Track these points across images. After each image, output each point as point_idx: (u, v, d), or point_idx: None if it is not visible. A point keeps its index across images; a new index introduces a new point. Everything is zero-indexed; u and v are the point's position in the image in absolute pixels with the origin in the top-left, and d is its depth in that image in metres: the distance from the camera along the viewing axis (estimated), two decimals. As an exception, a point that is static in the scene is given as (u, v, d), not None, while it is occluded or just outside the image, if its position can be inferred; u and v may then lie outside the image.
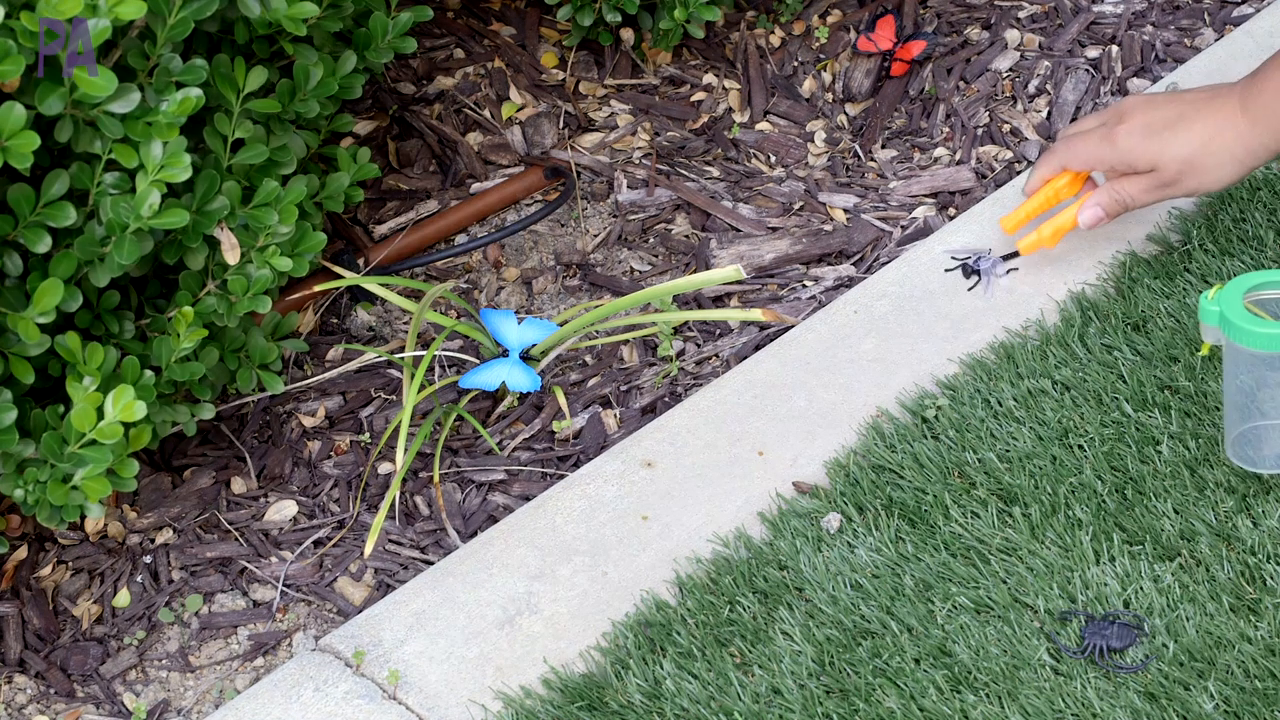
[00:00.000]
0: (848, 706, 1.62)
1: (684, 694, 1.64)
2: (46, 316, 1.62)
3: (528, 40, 2.39)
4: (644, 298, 1.96)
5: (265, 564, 1.87)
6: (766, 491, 1.82)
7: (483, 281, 2.16)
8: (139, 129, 1.62)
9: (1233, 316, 1.71)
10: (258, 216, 1.75)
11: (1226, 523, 1.72)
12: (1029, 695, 1.61)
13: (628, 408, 1.99)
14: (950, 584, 1.70)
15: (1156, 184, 1.88)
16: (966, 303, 1.98)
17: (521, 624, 1.73)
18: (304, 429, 1.99)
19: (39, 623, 1.84)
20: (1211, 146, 1.84)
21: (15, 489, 1.67)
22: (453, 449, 1.96)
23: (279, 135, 1.85)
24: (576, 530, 1.80)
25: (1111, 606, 1.67)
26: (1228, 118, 1.84)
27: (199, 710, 1.78)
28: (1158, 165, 1.86)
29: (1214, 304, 1.73)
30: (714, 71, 2.38)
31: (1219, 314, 1.72)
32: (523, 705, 1.66)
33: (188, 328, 1.73)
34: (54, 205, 1.64)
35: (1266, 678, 1.60)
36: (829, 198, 2.21)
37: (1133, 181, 1.89)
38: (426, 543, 1.88)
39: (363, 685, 1.69)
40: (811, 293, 2.09)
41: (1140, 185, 1.89)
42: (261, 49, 1.85)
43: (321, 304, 2.11)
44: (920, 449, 1.81)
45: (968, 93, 2.32)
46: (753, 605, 1.71)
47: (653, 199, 2.22)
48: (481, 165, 2.27)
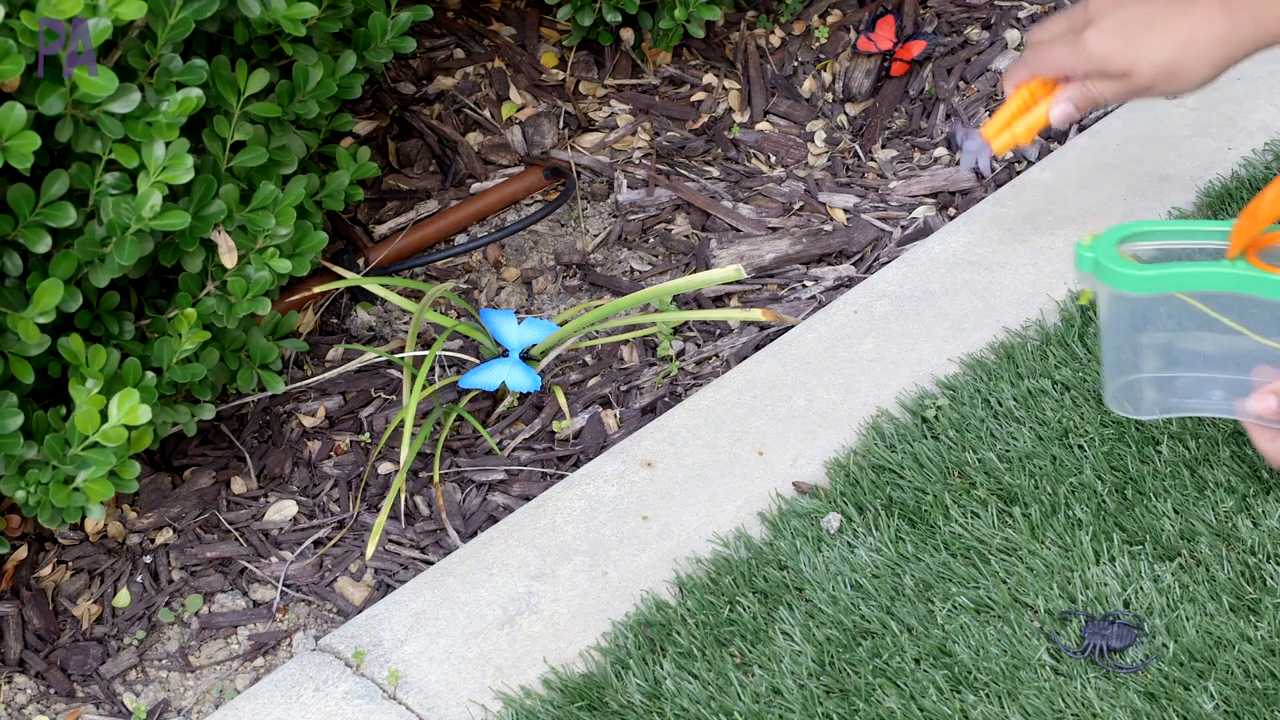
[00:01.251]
0: (848, 706, 1.62)
1: (684, 694, 1.64)
2: (46, 317, 1.62)
3: (528, 40, 2.40)
4: (644, 298, 1.96)
5: (265, 564, 1.87)
6: (766, 491, 1.82)
7: (483, 281, 2.16)
8: (139, 129, 1.62)
9: (1106, 261, 1.69)
10: (255, 219, 1.75)
11: (1226, 523, 1.72)
12: (1029, 695, 1.61)
13: (628, 408, 1.99)
14: (950, 584, 1.70)
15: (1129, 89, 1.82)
16: (966, 303, 1.98)
17: (521, 624, 1.73)
18: (304, 429, 2.00)
19: (39, 623, 1.84)
20: (1188, 50, 1.79)
21: (17, 490, 1.67)
22: (453, 449, 1.97)
23: (279, 136, 1.85)
24: (576, 530, 1.80)
25: (1111, 606, 1.67)
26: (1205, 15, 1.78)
27: (199, 710, 1.78)
28: (1131, 71, 1.81)
29: (1089, 250, 1.71)
30: (714, 71, 2.38)
31: (1093, 260, 1.70)
32: (523, 705, 1.66)
33: (189, 329, 1.73)
34: (54, 205, 1.64)
35: (1266, 678, 1.60)
36: (829, 198, 2.21)
37: (1105, 84, 1.83)
38: (426, 543, 1.88)
39: (363, 685, 1.69)
40: (811, 293, 2.09)
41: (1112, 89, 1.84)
42: (261, 49, 1.85)
43: (321, 304, 2.11)
44: (920, 449, 1.82)
45: (968, 93, 2.32)
46: (753, 605, 1.71)
47: (653, 199, 2.22)
48: (481, 165, 2.27)
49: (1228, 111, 2.19)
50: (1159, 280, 1.69)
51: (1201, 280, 1.69)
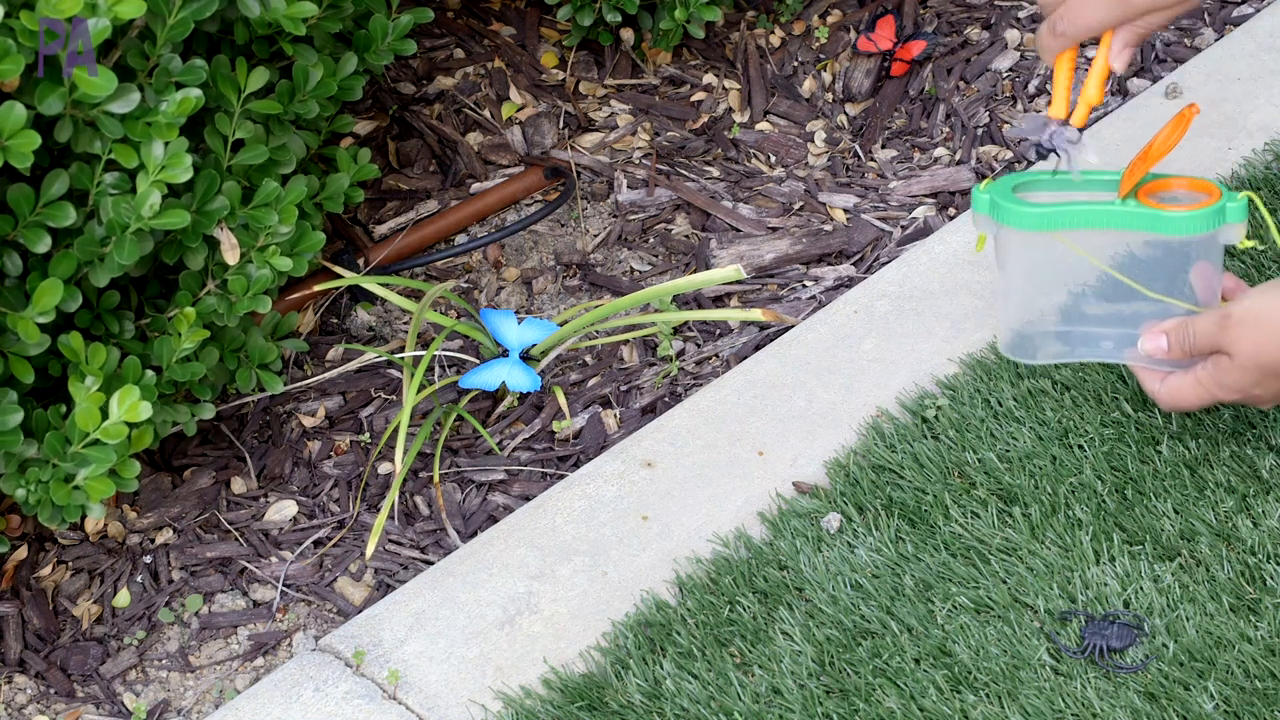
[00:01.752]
0: (848, 706, 1.62)
1: (684, 694, 1.64)
2: (46, 316, 1.62)
3: (528, 40, 2.39)
4: (644, 298, 1.96)
5: (265, 564, 1.87)
6: (766, 491, 1.82)
7: (483, 281, 2.16)
8: (139, 129, 1.62)
9: (1002, 200, 1.72)
10: (257, 216, 1.75)
11: (1226, 523, 1.72)
12: (1029, 695, 1.61)
13: (628, 408, 1.99)
14: (950, 584, 1.70)
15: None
16: (966, 303, 1.98)
17: (521, 624, 1.73)
18: (304, 429, 1.99)
19: (39, 623, 1.84)
20: None
21: (17, 489, 1.67)
22: (453, 449, 1.96)
23: (279, 135, 1.85)
24: (576, 530, 1.80)
25: (1111, 606, 1.67)
26: None
27: (199, 710, 1.78)
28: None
29: (985, 192, 1.74)
30: (714, 71, 2.38)
31: (989, 201, 1.73)
32: (523, 705, 1.66)
33: (189, 328, 1.73)
34: (54, 205, 1.64)
35: (1266, 678, 1.60)
36: (829, 198, 2.21)
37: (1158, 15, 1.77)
38: (426, 543, 1.88)
39: (363, 685, 1.69)
40: (811, 293, 2.09)
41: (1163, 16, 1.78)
42: (261, 49, 1.85)
43: (321, 304, 2.11)
44: (920, 449, 1.81)
45: (968, 93, 2.32)
46: (753, 605, 1.71)
47: (653, 199, 2.22)
48: (481, 165, 2.27)
49: (1228, 111, 2.19)
50: (1053, 217, 1.71)
51: (1094, 218, 1.72)
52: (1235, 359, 1.68)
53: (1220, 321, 1.69)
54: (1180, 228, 1.70)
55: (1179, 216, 1.70)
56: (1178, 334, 1.72)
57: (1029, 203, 1.72)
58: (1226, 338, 1.68)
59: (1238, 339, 1.68)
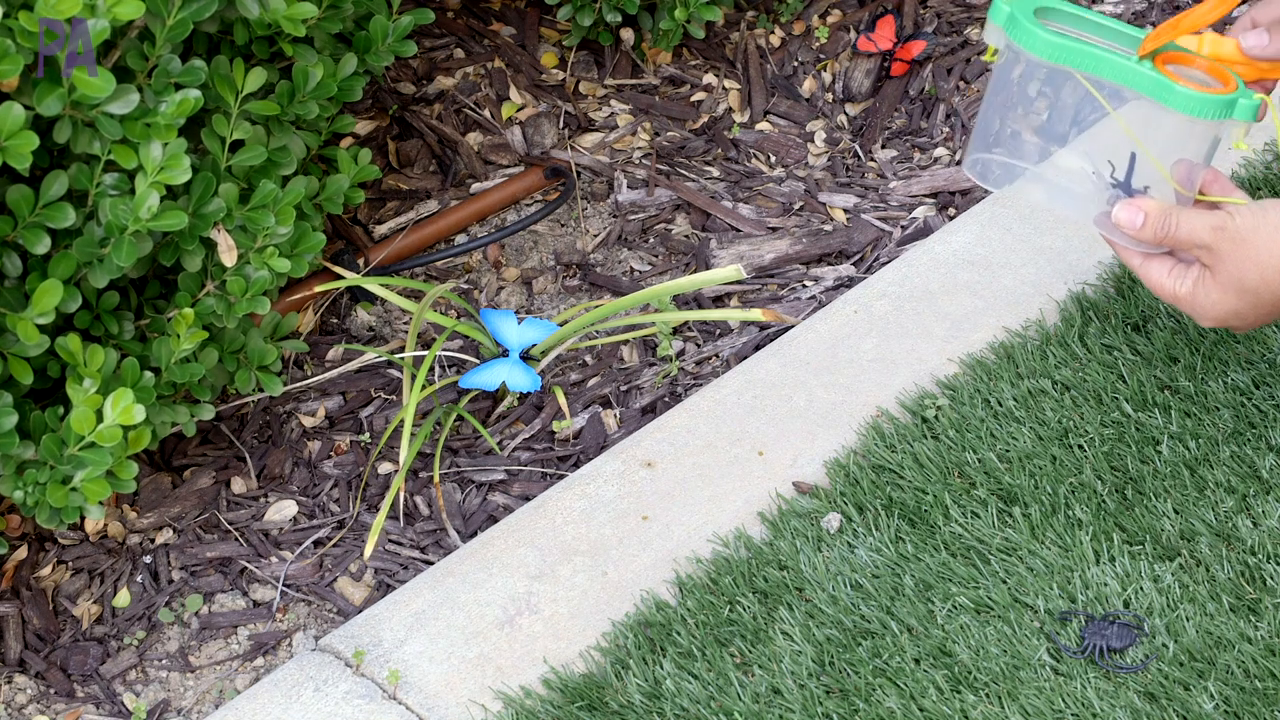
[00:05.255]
0: (848, 706, 1.62)
1: (684, 694, 1.64)
2: (45, 317, 1.62)
3: (528, 40, 2.39)
4: (644, 298, 1.96)
5: (265, 564, 1.87)
6: (766, 491, 1.82)
7: (483, 281, 2.16)
8: (138, 130, 1.62)
9: (1021, 16, 1.65)
10: (255, 218, 1.75)
11: (1226, 523, 1.72)
12: (1029, 695, 1.61)
13: (628, 408, 1.99)
14: (950, 584, 1.70)
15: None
16: (966, 303, 1.98)
17: (521, 624, 1.73)
18: (304, 429, 2.00)
19: (39, 623, 1.84)
20: None
21: (15, 490, 1.67)
22: (453, 449, 1.97)
23: (278, 136, 1.85)
24: (576, 530, 1.80)
25: (1111, 606, 1.67)
26: None
27: (199, 710, 1.78)
28: None
29: (1006, 4, 1.66)
30: (714, 71, 2.38)
31: (1008, 14, 1.66)
32: (523, 705, 1.66)
33: (188, 329, 1.73)
34: (53, 206, 1.64)
35: (1266, 678, 1.60)
36: (829, 198, 2.21)
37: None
38: (426, 543, 1.88)
39: (363, 685, 1.69)
40: (811, 293, 2.09)
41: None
42: (261, 50, 1.85)
43: (321, 304, 2.11)
44: (920, 449, 1.81)
45: (968, 93, 2.32)
46: (753, 605, 1.71)
47: (653, 199, 2.22)
48: (481, 165, 2.27)
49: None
50: (1064, 50, 1.65)
51: (1104, 66, 1.65)
52: (1217, 275, 1.61)
53: (1214, 233, 1.61)
54: (1184, 105, 1.62)
55: (1186, 94, 1.62)
56: (1159, 218, 1.63)
57: (1046, 28, 1.65)
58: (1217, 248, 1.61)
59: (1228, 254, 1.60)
